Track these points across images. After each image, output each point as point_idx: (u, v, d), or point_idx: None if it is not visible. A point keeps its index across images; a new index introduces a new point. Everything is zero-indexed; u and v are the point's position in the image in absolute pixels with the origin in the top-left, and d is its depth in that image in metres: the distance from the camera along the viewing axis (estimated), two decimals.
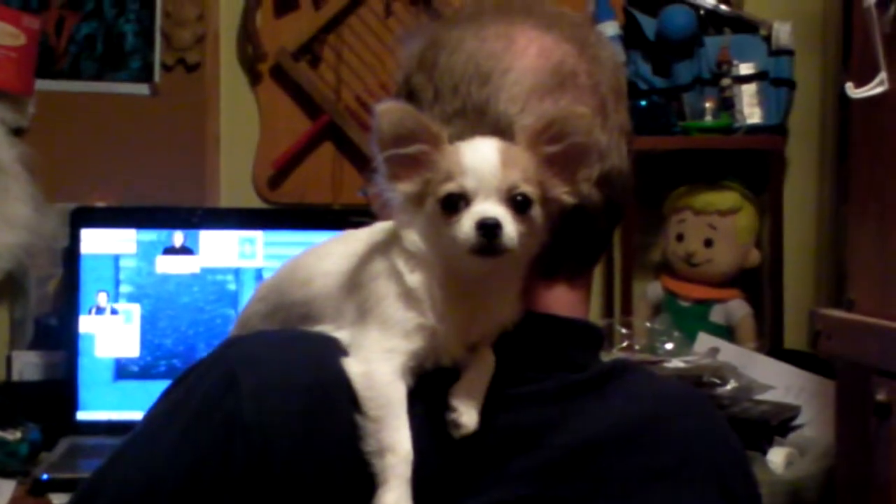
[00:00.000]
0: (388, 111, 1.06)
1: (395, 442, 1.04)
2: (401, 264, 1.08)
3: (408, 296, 1.07)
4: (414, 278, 1.07)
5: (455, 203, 1.04)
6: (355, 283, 1.11)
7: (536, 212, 1.06)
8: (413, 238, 1.08)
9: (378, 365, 1.06)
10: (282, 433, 1.06)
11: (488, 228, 1.03)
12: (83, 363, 2.55)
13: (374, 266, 1.10)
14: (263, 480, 1.05)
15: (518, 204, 1.05)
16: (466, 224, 1.03)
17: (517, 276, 1.11)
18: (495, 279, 1.09)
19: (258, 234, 2.60)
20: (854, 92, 1.86)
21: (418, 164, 1.06)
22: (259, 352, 1.12)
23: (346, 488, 1.05)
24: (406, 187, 1.07)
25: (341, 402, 1.06)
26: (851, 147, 2.07)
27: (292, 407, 1.07)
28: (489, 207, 1.03)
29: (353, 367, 1.07)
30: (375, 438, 1.04)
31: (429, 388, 1.08)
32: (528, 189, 1.05)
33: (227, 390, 1.08)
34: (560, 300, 1.19)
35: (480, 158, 1.05)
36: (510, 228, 1.03)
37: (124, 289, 2.57)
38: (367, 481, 1.03)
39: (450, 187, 1.04)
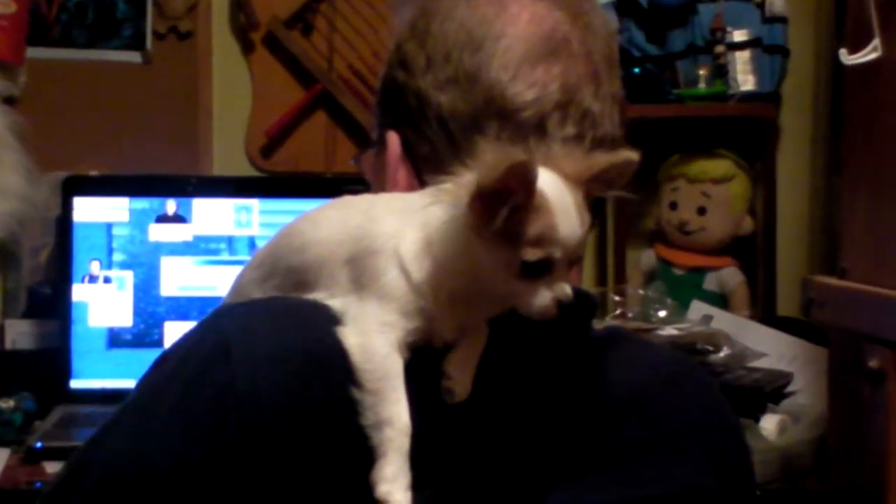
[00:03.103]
0: (496, 165, 0.98)
1: (393, 415, 1.03)
2: (408, 260, 1.06)
3: (409, 281, 1.06)
4: (420, 277, 1.05)
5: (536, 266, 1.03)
6: (353, 254, 1.10)
7: None
8: (444, 247, 1.05)
9: (375, 337, 1.05)
10: (275, 404, 1.05)
11: (564, 306, 1.03)
12: (76, 331, 2.55)
13: (377, 243, 1.08)
14: (257, 452, 1.05)
15: None
16: (547, 297, 1.03)
17: None
18: None
19: (254, 203, 2.59)
20: (848, 58, 1.85)
21: (502, 202, 1.00)
22: (252, 321, 1.11)
23: (341, 459, 1.05)
24: (488, 225, 1.01)
25: (336, 372, 1.05)
26: (845, 115, 2.06)
27: (286, 378, 1.06)
28: (566, 283, 1.03)
29: (350, 338, 1.06)
30: (373, 411, 1.04)
31: (423, 359, 1.07)
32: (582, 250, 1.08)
33: (220, 361, 1.07)
34: None
35: (572, 230, 1.03)
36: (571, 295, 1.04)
37: (117, 257, 2.57)
38: (362, 452, 1.03)
39: (539, 255, 1.01)
